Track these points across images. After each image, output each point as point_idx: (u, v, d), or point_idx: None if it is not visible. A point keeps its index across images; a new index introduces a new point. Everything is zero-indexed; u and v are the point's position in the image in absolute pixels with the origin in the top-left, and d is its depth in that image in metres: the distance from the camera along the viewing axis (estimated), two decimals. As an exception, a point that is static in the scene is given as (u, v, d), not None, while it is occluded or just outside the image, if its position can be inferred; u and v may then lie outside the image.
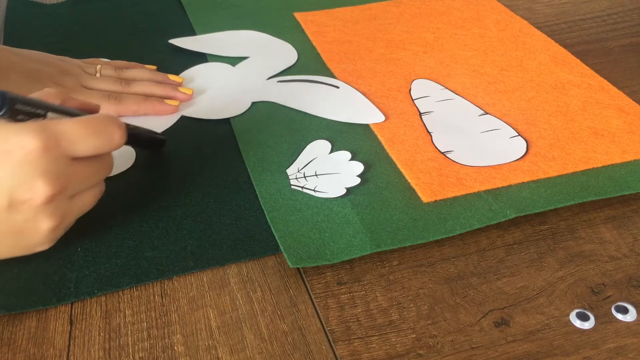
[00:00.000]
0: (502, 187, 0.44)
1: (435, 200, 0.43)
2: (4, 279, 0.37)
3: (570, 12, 0.71)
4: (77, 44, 0.62)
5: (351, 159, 0.47)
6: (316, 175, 0.45)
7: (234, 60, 0.59)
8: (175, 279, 0.38)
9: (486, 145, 0.48)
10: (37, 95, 0.38)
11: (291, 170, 0.46)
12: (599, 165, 0.46)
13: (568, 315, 0.36)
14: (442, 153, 0.47)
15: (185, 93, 0.53)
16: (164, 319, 0.36)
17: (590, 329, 0.35)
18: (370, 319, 0.36)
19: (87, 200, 0.38)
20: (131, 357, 0.34)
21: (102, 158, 0.38)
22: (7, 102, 0.33)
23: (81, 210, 0.38)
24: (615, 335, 0.35)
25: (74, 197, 0.37)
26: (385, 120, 0.51)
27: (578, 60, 0.59)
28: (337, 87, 0.55)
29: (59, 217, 0.35)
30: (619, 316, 0.36)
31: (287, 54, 0.61)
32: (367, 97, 0.54)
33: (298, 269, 0.39)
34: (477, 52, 0.61)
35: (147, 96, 0.52)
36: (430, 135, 0.49)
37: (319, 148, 0.48)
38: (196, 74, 0.58)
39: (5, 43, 0.62)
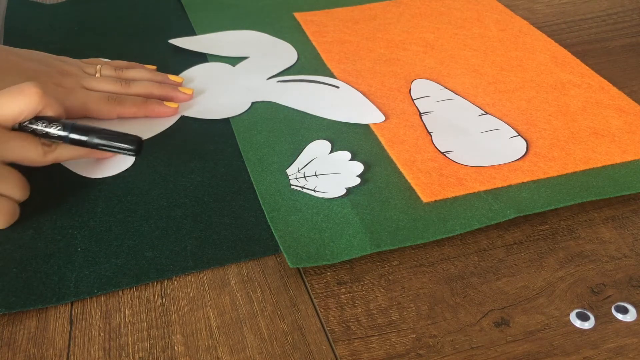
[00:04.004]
0: (502, 187, 0.44)
1: (435, 200, 0.43)
2: (3, 278, 0.37)
3: (570, 12, 0.71)
4: (77, 44, 0.62)
5: (351, 159, 0.47)
6: (316, 175, 0.45)
7: (234, 60, 0.59)
8: (175, 279, 0.38)
9: (486, 145, 0.48)
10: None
11: (291, 170, 0.46)
12: (599, 165, 0.46)
13: (568, 315, 0.36)
14: (442, 153, 0.47)
15: (185, 93, 0.53)
16: (164, 319, 0.36)
17: (590, 329, 0.35)
18: (370, 319, 0.36)
19: None
20: (131, 357, 0.34)
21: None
22: None
23: None
24: (615, 335, 0.35)
25: None
26: (385, 120, 0.51)
27: (578, 60, 0.59)
28: (337, 87, 0.55)
29: None
30: (619, 316, 0.36)
31: (287, 54, 0.61)
32: (367, 97, 0.54)
33: (298, 269, 0.39)
34: (477, 52, 0.61)
35: (147, 97, 0.52)
36: (430, 135, 0.49)
37: (319, 148, 0.48)
38: (196, 74, 0.58)
39: (5, 43, 0.62)
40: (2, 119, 0.41)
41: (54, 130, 0.42)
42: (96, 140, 0.42)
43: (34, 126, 0.42)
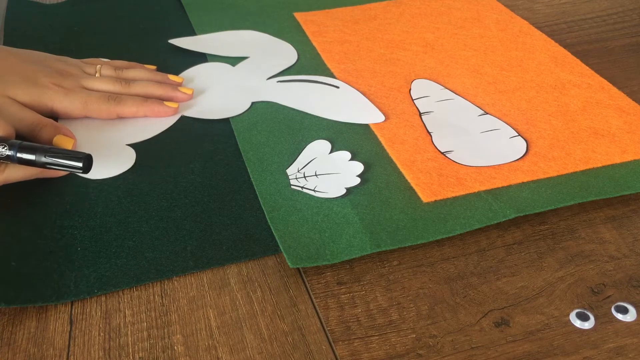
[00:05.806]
0: (502, 187, 0.44)
1: (435, 200, 0.43)
2: (2, 270, 0.37)
3: (570, 12, 0.71)
4: (77, 44, 0.62)
5: (351, 159, 0.47)
6: (316, 175, 0.45)
7: (234, 60, 0.59)
8: (175, 279, 0.38)
9: (486, 145, 0.48)
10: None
11: (291, 170, 0.46)
12: (599, 165, 0.46)
13: (568, 315, 0.36)
14: (442, 153, 0.47)
15: (185, 93, 0.53)
16: (164, 319, 0.36)
17: (590, 329, 0.35)
18: (370, 319, 0.36)
19: None
20: (131, 357, 0.34)
21: None
22: None
23: None
24: (615, 335, 0.35)
25: None
26: (385, 120, 0.51)
27: (578, 60, 0.59)
28: (337, 87, 0.55)
29: None
30: (619, 316, 0.36)
31: (287, 54, 0.61)
32: (367, 97, 0.54)
33: (298, 269, 0.39)
34: (477, 52, 0.61)
35: (147, 97, 0.52)
36: (430, 135, 0.49)
37: (319, 148, 0.48)
38: (196, 74, 0.58)
39: (5, 43, 0.62)
40: None
41: (0, 150, 0.41)
42: (44, 159, 0.41)
43: None
